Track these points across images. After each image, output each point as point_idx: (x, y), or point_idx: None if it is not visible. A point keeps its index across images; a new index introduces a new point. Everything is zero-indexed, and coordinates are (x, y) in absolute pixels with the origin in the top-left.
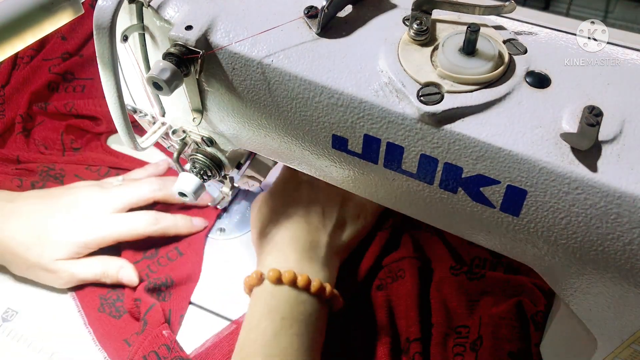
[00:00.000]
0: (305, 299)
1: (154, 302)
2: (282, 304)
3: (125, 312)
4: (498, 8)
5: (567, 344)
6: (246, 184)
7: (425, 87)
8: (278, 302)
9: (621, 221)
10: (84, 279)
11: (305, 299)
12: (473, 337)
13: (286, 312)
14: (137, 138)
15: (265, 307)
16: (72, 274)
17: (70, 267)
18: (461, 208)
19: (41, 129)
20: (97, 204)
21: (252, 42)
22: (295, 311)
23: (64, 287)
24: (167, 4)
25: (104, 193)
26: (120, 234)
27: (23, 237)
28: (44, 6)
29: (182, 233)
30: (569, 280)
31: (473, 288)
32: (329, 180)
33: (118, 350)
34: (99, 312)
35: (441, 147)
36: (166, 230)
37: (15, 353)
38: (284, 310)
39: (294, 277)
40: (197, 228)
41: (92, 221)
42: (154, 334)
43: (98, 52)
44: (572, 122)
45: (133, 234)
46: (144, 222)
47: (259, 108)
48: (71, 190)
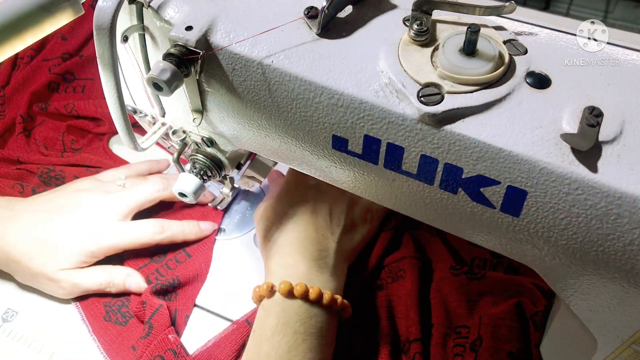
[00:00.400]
0: (317, 313)
1: (160, 304)
2: (294, 319)
3: (132, 316)
4: (498, 8)
5: (567, 344)
6: (246, 184)
7: (426, 88)
8: (290, 317)
9: (621, 222)
10: (88, 288)
11: (316, 312)
12: (473, 337)
13: (298, 326)
14: (137, 138)
15: (277, 320)
16: (75, 284)
17: (74, 277)
18: (461, 208)
19: (42, 129)
20: (101, 210)
21: (253, 42)
22: (308, 325)
23: (68, 297)
24: (167, 4)
25: (108, 198)
26: (126, 243)
27: (26, 246)
28: (44, 6)
29: (190, 239)
30: (569, 280)
31: (473, 288)
32: (329, 180)
33: (125, 358)
34: (105, 321)
35: (441, 147)
36: (173, 238)
37: (15, 353)
38: (297, 325)
39: (305, 290)
40: (206, 232)
41: (97, 230)
42: (159, 338)
43: (98, 53)
44: (572, 122)
45: (139, 243)
46: (150, 232)
47: (259, 109)
48: (74, 196)
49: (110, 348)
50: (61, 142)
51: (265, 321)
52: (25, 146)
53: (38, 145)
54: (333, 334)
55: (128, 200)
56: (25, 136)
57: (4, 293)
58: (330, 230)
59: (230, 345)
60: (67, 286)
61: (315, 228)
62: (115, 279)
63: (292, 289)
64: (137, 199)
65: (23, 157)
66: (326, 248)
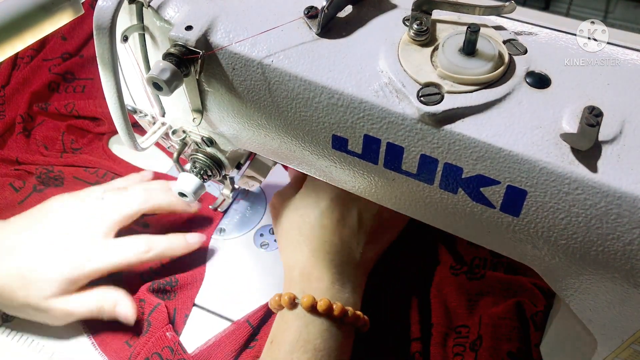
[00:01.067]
0: (338, 331)
1: (158, 302)
2: (315, 335)
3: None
4: (498, 8)
5: (567, 344)
6: (246, 184)
7: (425, 88)
8: (311, 333)
9: (621, 221)
10: (79, 316)
11: (337, 330)
12: (473, 337)
13: (319, 343)
14: (137, 138)
15: (298, 336)
16: (66, 312)
17: (63, 304)
18: (461, 208)
19: (42, 129)
20: (82, 230)
21: (252, 42)
22: (329, 342)
23: (61, 324)
24: (167, 4)
25: (88, 215)
26: (112, 266)
27: (6, 278)
28: (44, 6)
29: (178, 255)
30: (569, 280)
31: (473, 288)
32: (329, 180)
33: (119, 353)
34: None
35: (441, 147)
36: (161, 255)
37: (15, 353)
38: (317, 342)
39: (329, 306)
40: (193, 246)
41: (78, 254)
42: (157, 335)
43: (98, 53)
44: (572, 122)
45: (125, 265)
46: (136, 251)
47: (259, 108)
48: (51, 217)
49: (103, 343)
50: (61, 142)
51: (284, 334)
52: (25, 146)
53: (38, 145)
54: (350, 347)
55: (108, 217)
56: (25, 136)
57: None
58: (356, 240)
59: (230, 344)
60: (58, 315)
61: (341, 238)
62: (105, 305)
63: (316, 304)
64: (118, 215)
65: (22, 157)
66: (350, 261)
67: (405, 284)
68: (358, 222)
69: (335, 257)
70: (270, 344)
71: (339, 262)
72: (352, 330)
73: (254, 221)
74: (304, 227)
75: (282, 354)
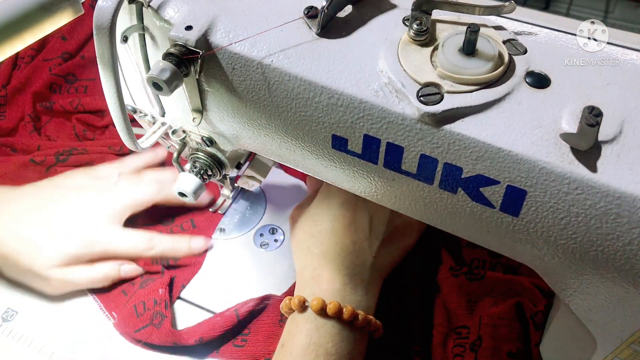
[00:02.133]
0: (349, 334)
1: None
2: (326, 339)
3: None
4: (498, 8)
5: (567, 344)
6: (246, 184)
7: (425, 88)
8: (322, 336)
9: (621, 221)
10: (79, 284)
11: (349, 334)
12: (473, 337)
13: (330, 347)
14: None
15: (309, 339)
16: (66, 281)
17: (64, 274)
18: (461, 208)
19: (51, 126)
20: (93, 212)
21: (252, 42)
22: (340, 346)
23: (57, 294)
24: (167, 4)
25: (101, 198)
26: (115, 253)
27: (14, 242)
28: (44, 6)
29: (179, 257)
30: (569, 280)
31: (473, 288)
32: (328, 180)
33: (115, 301)
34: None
35: (441, 147)
36: (162, 255)
37: (15, 353)
38: (328, 345)
39: (339, 309)
40: (195, 250)
41: (87, 233)
42: (150, 287)
43: (98, 53)
44: (572, 122)
45: (127, 256)
46: (140, 247)
47: (258, 108)
48: (64, 193)
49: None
50: (74, 134)
51: (295, 337)
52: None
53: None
54: (363, 352)
55: (119, 203)
56: (37, 133)
57: (4, 293)
58: (368, 243)
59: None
60: (57, 284)
61: (353, 240)
62: (109, 273)
63: (325, 307)
64: (130, 201)
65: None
66: (363, 263)
67: (405, 285)
68: (370, 226)
69: (346, 259)
70: (282, 347)
71: (350, 264)
72: (365, 334)
73: (253, 221)
74: (315, 231)
75: (294, 357)
